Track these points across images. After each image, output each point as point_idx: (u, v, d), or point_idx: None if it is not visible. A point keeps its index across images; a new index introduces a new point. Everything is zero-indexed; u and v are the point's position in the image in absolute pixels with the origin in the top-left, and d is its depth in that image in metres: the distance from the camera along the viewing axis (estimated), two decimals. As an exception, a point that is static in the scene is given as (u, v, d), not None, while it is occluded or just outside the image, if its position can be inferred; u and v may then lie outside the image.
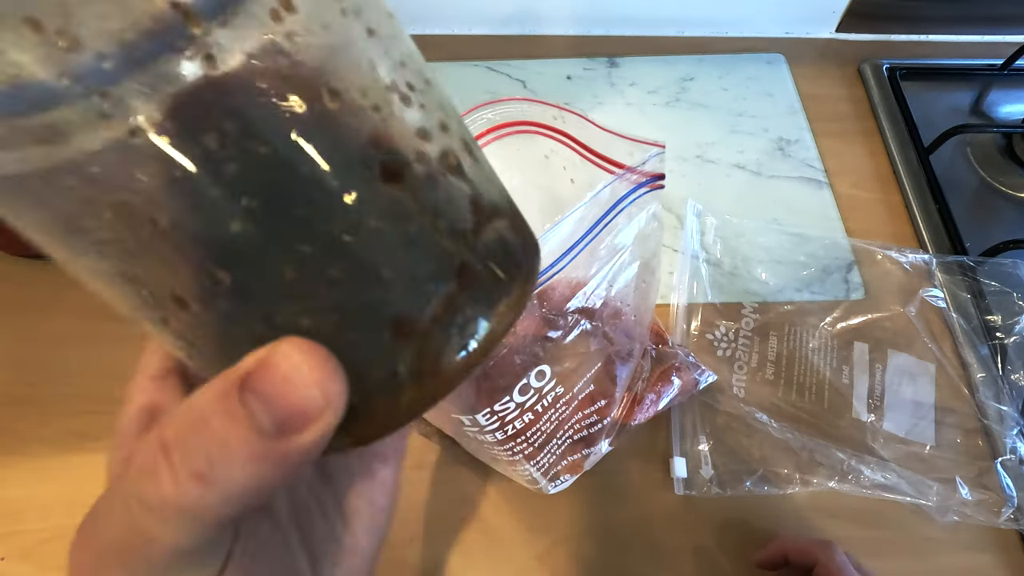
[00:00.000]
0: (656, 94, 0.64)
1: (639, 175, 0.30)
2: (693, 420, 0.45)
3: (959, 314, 0.50)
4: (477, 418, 0.33)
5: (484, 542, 0.42)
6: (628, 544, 0.42)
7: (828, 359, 0.48)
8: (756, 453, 0.44)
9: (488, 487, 0.43)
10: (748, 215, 0.55)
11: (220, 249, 0.11)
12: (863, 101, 0.64)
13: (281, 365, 0.11)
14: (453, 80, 0.64)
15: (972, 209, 0.58)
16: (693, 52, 0.67)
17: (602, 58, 0.66)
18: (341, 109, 0.12)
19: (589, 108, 0.63)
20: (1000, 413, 0.45)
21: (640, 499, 0.43)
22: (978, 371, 0.47)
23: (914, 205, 0.56)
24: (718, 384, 0.46)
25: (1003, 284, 0.51)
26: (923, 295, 0.51)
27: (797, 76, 0.65)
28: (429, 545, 0.42)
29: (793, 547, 0.38)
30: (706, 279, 0.52)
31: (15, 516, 0.42)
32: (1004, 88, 0.66)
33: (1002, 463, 0.44)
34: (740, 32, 0.69)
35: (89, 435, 0.44)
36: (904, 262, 0.52)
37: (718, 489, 0.43)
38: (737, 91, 0.64)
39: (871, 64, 0.66)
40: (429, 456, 0.44)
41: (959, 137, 0.59)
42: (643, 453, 0.44)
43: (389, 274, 0.12)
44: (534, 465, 0.36)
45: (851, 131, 0.62)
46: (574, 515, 0.43)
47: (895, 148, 0.60)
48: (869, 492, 0.42)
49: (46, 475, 0.43)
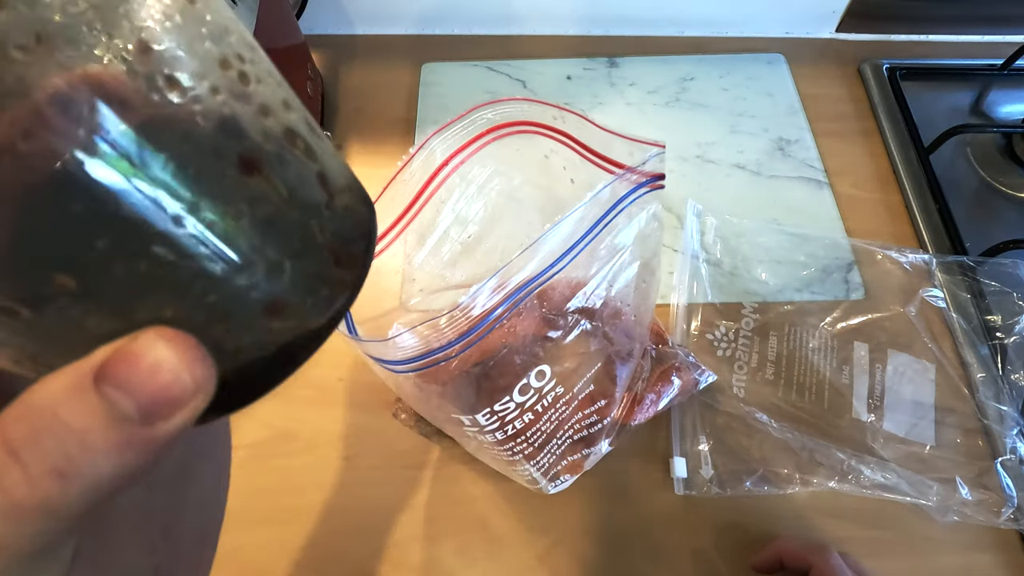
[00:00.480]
0: (656, 94, 0.64)
1: (639, 175, 0.30)
2: (693, 420, 0.45)
3: (959, 314, 0.50)
4: (477, 418, 0.33)
5: (484, 542, 0.42)
6: (628, 544, 0.42)
7: (828, 359, 0.48)
8: (756, 453, 0.44)
9: (488, 487, 0.43)
10: (748, 215, 0.55)
11: (64, 256, 0.11)
12: (863, 101, 0.64)
13: (146, 354, 0.11)
14: (453, 80, 0.64)
15: (972, 209, 0.58)
16: (693, 52, 0.67)
17: (602, 58, 0.66)
18: (183, 100, 0.11)
19: (589, 108, 0.63)
20: (1000, 413, 0.45)
21: (640, 499, 0.43)
22: (978, 371, 0.47)
23: (914, 205, 0.56)
24: (718, 384, 0.46)
25: (1003, 284, 0.51)
26: (923, 295, 0.51)
27: (797, 76, 0.65)
28: (429, 545, 0.42)
29: (788, 550, 0.38)
30: (706, 279, 0.52)
31: (15, 516, 0.42)
32: (1004, 88, 0.66)
33: (1002, 463, 0.44)
34: (740, 32, 0.69)
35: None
36: (904, 262, 0.52)
37: (718, 489, 0.43)
38: (737, 91, 0.64)
39: (871, 64, 0.66)
40: (429, 456, 0.44)
41: (959, 137, 0.59)
42: (643, 453, 0.44)
43: (251, 256, 0.12)
44: (534, 465, 0.36)
45: (851, 131, 0.62)
46: (574, 515, 0.43)
47: (895, 148, 0.60)
48: (869, 492, 0.42)
49: (46, 475, 0.43)
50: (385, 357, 0.27)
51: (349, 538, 0.42)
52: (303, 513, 0.42)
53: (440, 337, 0.26)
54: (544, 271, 0.27)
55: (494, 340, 0.32)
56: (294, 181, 0.13)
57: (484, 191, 0.36)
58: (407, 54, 0.65)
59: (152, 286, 0.11)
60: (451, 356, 0.27)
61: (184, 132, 0.11)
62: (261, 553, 0.41)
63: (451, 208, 0.36)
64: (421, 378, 0.30)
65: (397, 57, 0.65)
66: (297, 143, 0.13)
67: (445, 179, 0.30)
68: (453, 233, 0.37)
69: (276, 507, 0.42)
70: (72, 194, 0.10)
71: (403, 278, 0.46)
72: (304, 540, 0.42)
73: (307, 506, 0.43)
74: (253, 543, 0.41)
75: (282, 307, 0.13)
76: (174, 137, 0.11)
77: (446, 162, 0.30)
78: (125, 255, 0.11)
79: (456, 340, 0.26)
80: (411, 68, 0.64)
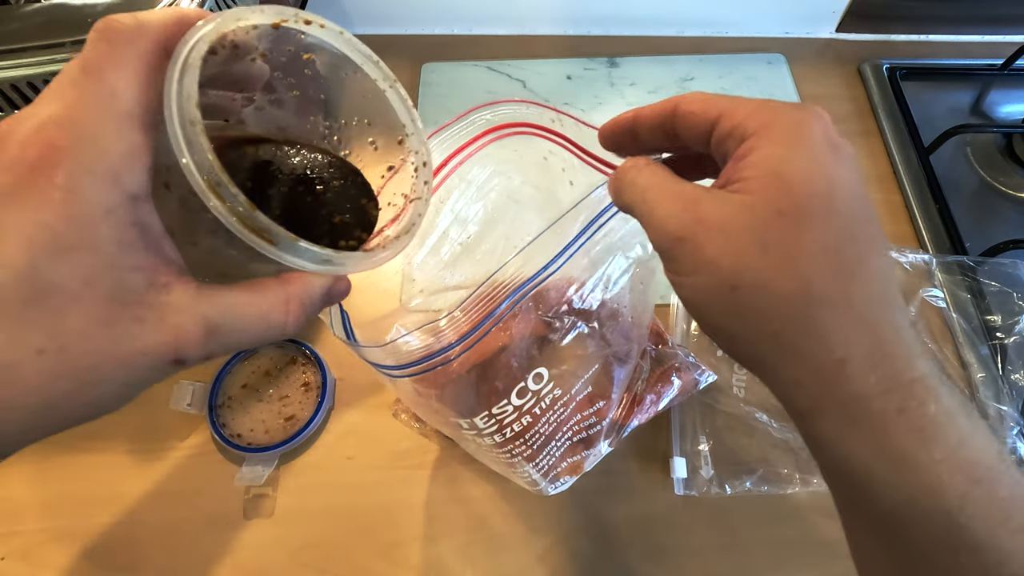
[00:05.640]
0: (656, 94, 0.64)
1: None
2: (693, 420, 0.45)
3: (959, 314, 0.50)
4: (475, 421, 0.33)
5: (484, 542, 0.42)
6: (628, 544, 0.42)
7: (828, 359, 0.48)
8: (756, 453, 0.44)
9: (488, 487, 0.43)
10: (748, 215, 0.55)
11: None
12: (863, 101, 0.64)
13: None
14: (453, 80, 0.64)
15: (972, 209, 0.58)
16: (693, 52, 0.67)
17: (602, 58, 0.66)
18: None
19: (589, 108, 0.63)
20: (1000, 413, 0.45)
21: (640, 499, 0.43)
22: (978, 371, 0.47)
23: (914, 205, 0.56)
24: (718, 384, 0.46)
25: (1003, 284, 0.51)
26: (923, 295, 0.51)
27: (797, 76, 0.65)
28: (429, 545, 0.42)
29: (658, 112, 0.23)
30: (706, 279, 0.52)
31: (15, 516, 0.42)
32: (1004, 88, 0.66)
33: (1002, 463, 0.44)
34: (740, 32, 0.69)
35: (89, 435, 0.44)
36: (904, 262, 0.52)
37: (718, 489, 0.43)
38: (737, 91, 0.63)
39: (871, 64, 0.66)
40: (429, 456, 0.44)
41: (959, 137, 0.59)
42: (643, 453, 0.44)
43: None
44: (534, 467, 0.36)
45: (851, 131, 0.62)
46: (574, 515, 0.43)
47: (895, 148, 0.60)
48: (869, 492, 0.42)
49: (46, 475, 0.43)
50: (383, 362, 0.27)
51: (349, 538, 0.42)
52: (303, 513, 0.43)
53: (440, 340, 0.26)
54: (539, 272, 0.27)
55: (491, 343, 0.32)
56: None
57: (483, 192, 0.36)
58: (407, 54, 0.65)
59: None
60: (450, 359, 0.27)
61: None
62: (261, 553, 0.41)
63: (450, 209, 0.36)
64: (419, 383, 0.30)
65: (397, 57, 0.65)
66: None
67: (444, 180, 0.30)
68: (453, 234, 0.37)
69: (276, 507, 0.43)
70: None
71: (403, 278, 0.46)
72: (304, 540, 0.42)
73: (307, 506, 0.43)
74: (253, 543, 0.41)
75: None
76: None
77: (445, 163, 0.30)
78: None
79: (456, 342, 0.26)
80: (411, 68, 0.64)
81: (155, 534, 0.42)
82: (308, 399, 0.45)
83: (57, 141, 0.15)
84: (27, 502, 0.43)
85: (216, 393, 0.45)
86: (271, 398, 0.45)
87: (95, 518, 0.42)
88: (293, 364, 0.47)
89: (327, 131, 0.23)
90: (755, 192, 0.19)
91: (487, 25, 0.68)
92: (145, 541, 0.42)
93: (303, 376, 0.46)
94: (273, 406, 0.45)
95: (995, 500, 0.17)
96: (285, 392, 0.45)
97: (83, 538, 0.41)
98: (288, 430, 0.44)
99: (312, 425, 0.44)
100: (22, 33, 0.35)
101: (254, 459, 0.43)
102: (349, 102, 0.22)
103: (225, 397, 0.45)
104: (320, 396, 0.45)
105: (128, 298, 0.16)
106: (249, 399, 0.45)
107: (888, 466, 0.18)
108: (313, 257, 0.18)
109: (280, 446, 0.43)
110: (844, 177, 0.19)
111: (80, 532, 0.42)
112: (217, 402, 0.44)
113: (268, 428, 0.44)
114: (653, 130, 0.23)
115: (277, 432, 0.44)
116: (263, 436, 0.44)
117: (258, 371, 0.46)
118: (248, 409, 0.45)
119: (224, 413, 0.44)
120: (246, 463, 0.43)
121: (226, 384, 0.45)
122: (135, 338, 0.16)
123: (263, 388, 0.46)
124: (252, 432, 0.44)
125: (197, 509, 0.43)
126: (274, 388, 0.46)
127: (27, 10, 0.36)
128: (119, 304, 0.16)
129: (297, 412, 0.45)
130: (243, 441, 0.43)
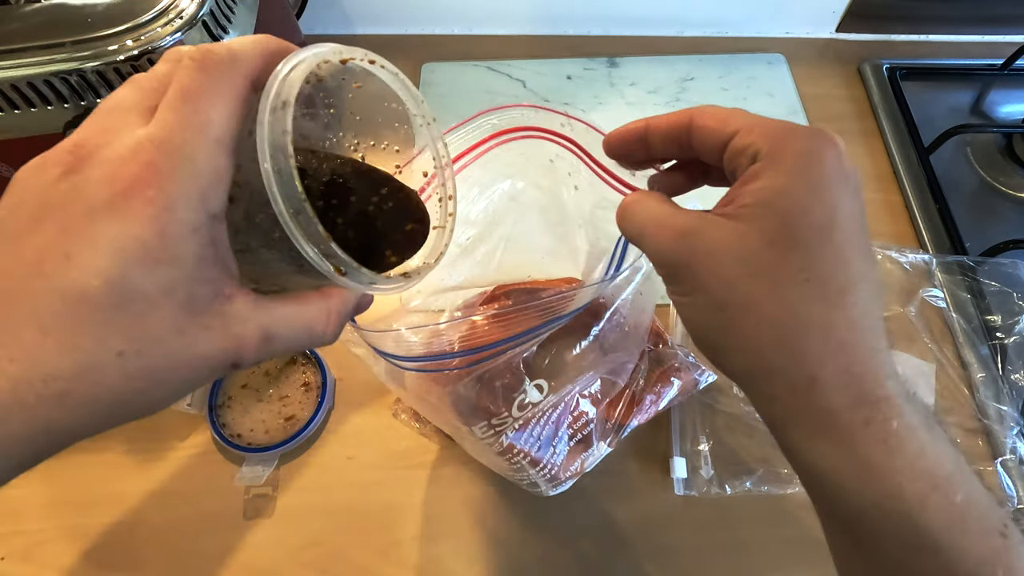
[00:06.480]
0: (656, 94, 0.64)
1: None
2: (693, 420, 0.45)
3: (959, 314, 0.50)
4: (474, 430, 0.33)
5: (484, 542, 0.42)
6: (628, 544, 0.42)
7: (828, 359, 0.48)
8: (756, 453, 0.44)
9: (488, 487, 0.43)
10: (748, 215, 0.55)
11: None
12: (863, 101, 0.64)
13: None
14: (453, 80, 0.64)
15: (972, 209, 0.58)
16: (693, 52, 0.67)
17: (602, 58, 0.66)
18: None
19: (589, 108, 0.63)
20: (1000, 413, 0.45)
21: (640, 499, 0.43)
22: (978, 371, 0.47)
23: (914, 205, 0.56)
24: (718, 384, 0.46)
25: (1003, 284, 0.51)
26: (923, 295, 0.51)
27: (797, 76, 0.65)
28: (429, 545, 0.42)
29: (670, 122, 0.23)
30: (706, 279, 0.52)
31: (15, 516, 0.42)
32: (1004, 88, 0.66)
33: (1002, 463, 0.44)
34: (740, 32, 0.69)
35: (89, 435, 0.44)
36: (904, 262, 0.52)
37: (718, 489, 0.43)
38: (737, 91, 0.64)
39: (871, 64, 0.66)
40: (429, 456, 0.44)
41: (959, 137, 0.59)
42: (643, 453, 0.44)
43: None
44: (534, 471, 0.36)
45: (851, 131, 0.62)
46: (574, 516, 0.43)
47: (895, 148, 0.60)
48: (869, 492, 0.42)
49: (46, 475, 0.43)
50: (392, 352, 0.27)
51: (349, 538, 0.42)
52: (303, 513, 0.43)
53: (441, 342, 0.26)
54: (561, 316, 0.27)
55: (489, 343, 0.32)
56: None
57: (486, 193, 0.36)
58: (407, 54, 0.65)
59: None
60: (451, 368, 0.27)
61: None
62: (261, 553, 0.41)
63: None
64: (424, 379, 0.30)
65: (397, 57, 0.64)
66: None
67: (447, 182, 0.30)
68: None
69: (276, 507, 0.43)
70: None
71: (403, 278, 0.46)
72: (304, 540, 0.42)
73: (307, 506, 0.43)
74: (253, 543, 0.41)
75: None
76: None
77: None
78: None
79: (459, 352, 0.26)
80: (411, 68, 0.64)
81: (155, 534, 0.42)
82: (308, 399, 0.45)
83: (156, 162, 0.17)
84: (28, 502, 0.43)
85: (216, 393, 0.45)
86: (271, 398, 0.45)
87: (95, 518, 0.42)
88: (293, 364, 0.47)
89: (352, 149, 0.24)
90: (750, 221, 0.20)
91: (487, 25, 0.68)
92: (145, 541, 0.42)
93: (303, 376, 0.46)
94: (273, 406, 0.45)
95: (952, 504, 0.19)
96: (285, 392, 0.46)
97: (83, 538, 0.41)
98: (288, 430, 0.44)
99: (312, 425, 0.44)
100: (22, 33, 0.35)
101: (254, 459, 0.43)
102: (382, 125, 0.24)
103: (225, 397, 0.45)
104: (320, 396, 0.45)
105: (198, 308, 0.18)
106: (249, 399, 0.45)
107: (854, 473, 0.19)
108: (363, 280, 0.20)
109: (280, 446, 0.43)
110: (847, 208, 0.20)
111: (80, 532, 0.42)
112: (217, 402, 0.44)
113: (268, 428, 0.44)
114: (665, 140, 0.24)
115: (277, 432, 0.44)
116: (263, 436, 0.44)
117: (258, 371, 0.46)
118: (248, 409, 0.45)
119: (224, 413, 0.44)
120: (246, 463, 0.43)
121: (226, 384, 0.45)
122: (202, 344, 0.18)
123: (263, 388, 0.46)
124: (252, 432, 0.44)
125: (197, 509, 0.43)
126: (274, 388, 0.46)
127: (27, 10, 0.36)
128: (190, 313, 0.18)
129: (297, 412, 0.45)
130: (243, 441, 0.43)
